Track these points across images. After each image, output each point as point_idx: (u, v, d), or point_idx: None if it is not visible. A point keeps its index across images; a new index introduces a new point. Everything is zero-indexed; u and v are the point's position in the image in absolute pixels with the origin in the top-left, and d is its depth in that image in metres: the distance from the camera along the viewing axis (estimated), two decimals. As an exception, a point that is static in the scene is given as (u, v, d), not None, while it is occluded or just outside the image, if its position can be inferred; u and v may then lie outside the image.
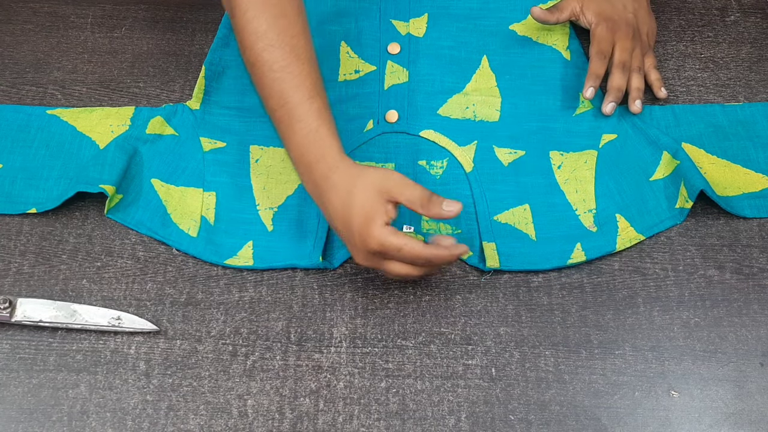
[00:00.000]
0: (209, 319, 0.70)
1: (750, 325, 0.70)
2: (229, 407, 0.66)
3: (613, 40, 0.82)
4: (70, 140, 0.80)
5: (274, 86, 0.69)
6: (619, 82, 0.81)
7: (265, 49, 0.69)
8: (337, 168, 0.66)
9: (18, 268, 0.73)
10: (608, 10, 0.84)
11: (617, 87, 0.81)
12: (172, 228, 0.75)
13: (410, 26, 0.89)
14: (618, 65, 0.81)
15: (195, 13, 0.92)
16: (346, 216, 0.65)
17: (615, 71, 0.81)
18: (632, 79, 0.82)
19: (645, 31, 0.85)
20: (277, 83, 0.68)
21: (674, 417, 0.65)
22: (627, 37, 0.82)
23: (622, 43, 0.82)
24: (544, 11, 0.85)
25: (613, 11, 0.84)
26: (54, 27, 0.91)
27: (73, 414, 0.65)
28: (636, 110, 0.81)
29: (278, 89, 0.68)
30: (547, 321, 0.70)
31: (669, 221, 0.75)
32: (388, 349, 0.69)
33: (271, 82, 0.69)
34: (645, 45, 0.85)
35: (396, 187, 0.65)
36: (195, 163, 0.79)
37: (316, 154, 0.67)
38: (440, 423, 0.65)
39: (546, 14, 0.85)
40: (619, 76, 0.81)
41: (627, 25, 0.83)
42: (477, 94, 0.84)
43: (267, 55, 0.69)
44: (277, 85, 0.68)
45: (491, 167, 0.79)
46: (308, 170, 0.68)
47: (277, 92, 0.68)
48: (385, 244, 0.63)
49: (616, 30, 0.83)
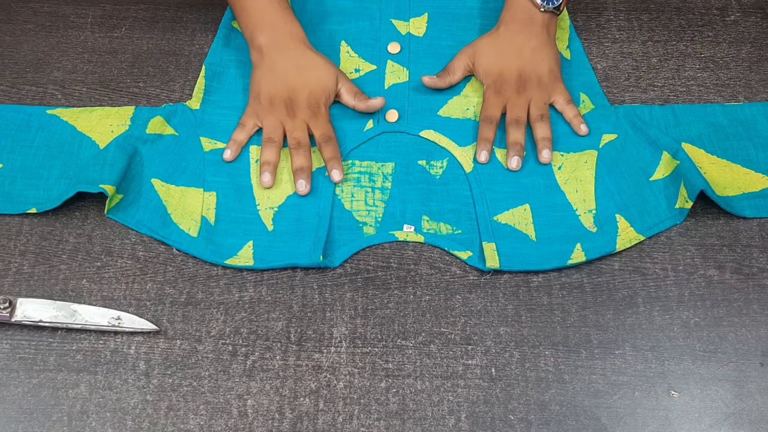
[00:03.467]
0: (209, 319, 0.70)
1: (750, 325, 0.70)
2: (229, 407, 0.66)
3: (503, 100, 0.81)
4: (70, 140, 0.80)
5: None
6: (516, 137, 0.79)
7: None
8: (304, 37, 0.81)
9: (18, 268, 0.73)
10: (497, 65, 0.82)
11: (514, 142, 0.78)
12: (172, 228, 0.75)
13: (410, 26, 0.89)
14: (511, 123, 0.79)
15: (195, 13, 0.92)
16: (300, 69, 0.79)
17: (509, 129, 0.79)
18: (536, 131, 0.79)
19: (545, 71, 0.82)
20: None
21: (674, 417, 0.65)
22: (518, 92, 0.81)
23: (513, 100, 0.80)
24: (434, 78, 0.82)
25: (503, 64, 0.82)
26: (54, 27, 0.91)
27: (73, 414, 0.65)
28: (545, 161, 0.78)
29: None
30: (547, 321, 0.70)
31: (669, 221, 0.75)
32: (388, 349, 0.69)
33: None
34: (548, 85, 0.82)
35: (343, 75, 0.81)
36: (195, 163, 0.79)
37: (290, 18, 0.82)
38: (440, 423, 0.65)
39: (436, 81, 0.82)
40: (514, 132, 0.79)
41: (518, 78, 0.81)
42: (477, 95, 0.84)
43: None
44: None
45: (491, 168, 0.79)
46: (272, 28, 0.80)
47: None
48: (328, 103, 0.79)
49: (505, 88, 0.81)
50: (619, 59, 0.88)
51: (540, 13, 0.82)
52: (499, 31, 0.84)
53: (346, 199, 0.77)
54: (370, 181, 0.78)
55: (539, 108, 0.80)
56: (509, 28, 0.83)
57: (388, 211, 0.76)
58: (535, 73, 0.81)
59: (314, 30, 0.89)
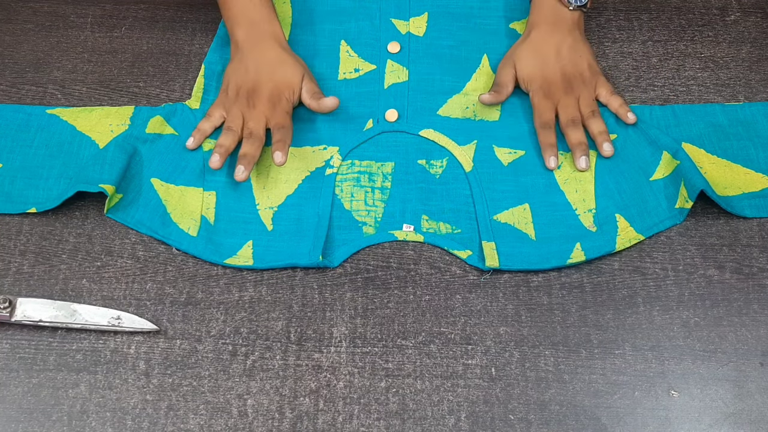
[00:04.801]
0: (209, 319, 0.70)
1: (750, 325, 0.70)
2: (229, 407, 0.66)
3: (553, 103, 0.80)
4: (70, 140, 0.80)
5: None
6: (577, 137, 0.78)
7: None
8: (280, 36, 0.83)
9: (18, 267, 0.73)
10: (540, 69, 0.81)
11: (577, 143, 0.78)
12: (172, 227, 0.75)
13: (410, 25, 0.89)
14: (568, 124, 0.79)
15: (195, 13, 0.92)
16: (269, 65, 0.80)
17: (568, 131, 0.79)
18: (591, 127, 0.79)
19: (585, 67, 0.82)
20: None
21: (674, 417, 0.65)
22: (567, 92, 0.80)
23: (564, 101, 0.80)
24: (492, 94, 0.81)
25: (545, 67, 0.81)
26: (54, 27, 0.91)
27: (73, 414, 0.65)
28: (607, 154, 0.78)
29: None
30: (547, 321, 0.70)
31: (669, 221, 0.75)
32: (388, 349, 0.69)
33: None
34: (590, 80, 0.82)
35: (310, 76, 0.82)
36: (195, 163, 0.79)
37: (270, 17, 0.83)
38: (440, 423, 0.65)
39: (494, 97, 0.81)
40: (574, 134, 0.79)
41: (563, 78, 0.81)
42: (477, 94, 0.84)
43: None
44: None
45: (491, 167, 0.79)
46: (250, 25, 0.82)
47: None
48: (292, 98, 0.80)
49: (553, 91, 0.81)
50: (619, 59, 0.88)
51: (569, 11, 0.83)
52: (531, 36, 0.83)
53: (346, 199, 0.77)
54: (369, 181, 0.78)
55: (589, 105, 0.80)
56: (541, 30, 0.83)
57: (387, 210, 0.76)
58: (577, 71, 0.81)
59: (314, 30, 0.89)
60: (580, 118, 0.80)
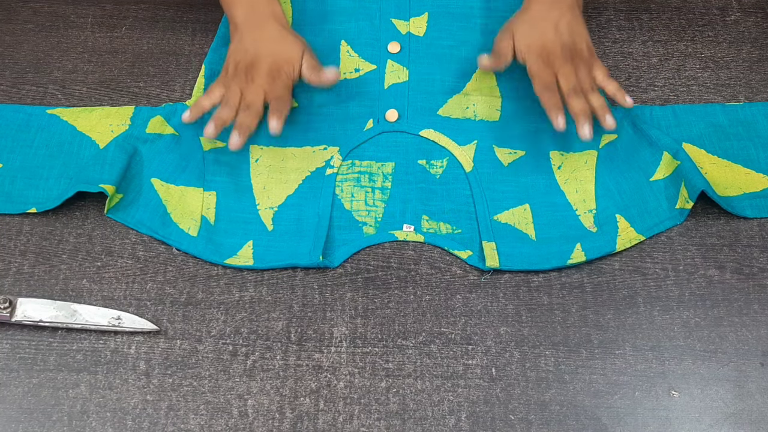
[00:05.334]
0: (209, 319, 0.70)
1: (750, 325, 0.70)
2: (229, 407, 0.66)
3: (553, 71, 0.78)
4: (70, 140, 0.80)
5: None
6: (580, 105, 0.76)
7: None
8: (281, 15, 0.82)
9: (18, 267, 0.73)
10: (539, 38, 0.79)
11: (581, 111, 0.76)
12: (172, 227, 0.75)
13: (410, 25, 0.89)
14: (570, 92, 0.76)
15: (195, 13, 0.92)
16: (268, 42, 0.79)
17: (570, 99, 0.76)
18: (591, 101, 0.77)
19: (584, 46, 0.79)
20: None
21: (674, 417, 0.65)
22: (566, 61, 0.78)
23: (564, 70, 0.77)
24: (491, 59, 0.80)
25: (544, 37, 0.79)
26: (54, 27, 0.91)
27: (73, 414, 0.65)
28: (610, 126, 0.76)
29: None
30: (547, 321, 0.70)
31: (669, 222, 0.75)
32: (388, 349, 0.69)
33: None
34: (588, 60, 0.79)
35: (310, 52, 0.81)
36: (195, 163, 0.79)
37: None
38: (440, 423, 0.65)
39: (493, 62, 0.80)
40: (577, 101, 0.76)
41: (563, 48, 0.78)
42: (477, 94, 0.84)
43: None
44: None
45: (491, 167, 0.79)
46: (250, 6, 0.81)
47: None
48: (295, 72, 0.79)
49: (552, 59, 0.78)
50: (619, 59, 0.88)
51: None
52: (531, 9, 0.81)
53: (346, 199, 0.77)
54: (370, 181, 0.78)
55: (587, 80, 0.78)
56: (540, 5, 0.81)
57: (387, 210, 0.76)
58: (576, 47, 0.79)
59: (314, 30, 0.89)
60: (582, 89, 0.77)
